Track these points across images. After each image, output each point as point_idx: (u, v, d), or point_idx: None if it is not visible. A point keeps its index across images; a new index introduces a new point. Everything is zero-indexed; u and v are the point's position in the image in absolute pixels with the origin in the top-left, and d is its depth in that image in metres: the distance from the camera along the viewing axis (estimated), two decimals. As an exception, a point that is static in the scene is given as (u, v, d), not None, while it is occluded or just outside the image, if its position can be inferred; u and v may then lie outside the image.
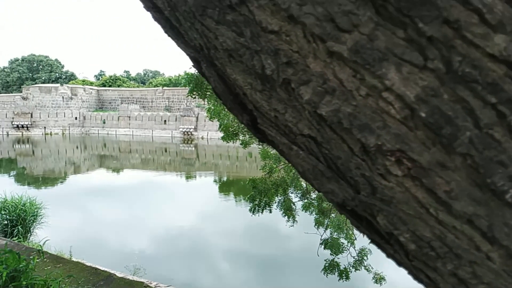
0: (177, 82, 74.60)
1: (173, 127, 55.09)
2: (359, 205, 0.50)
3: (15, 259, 3.38)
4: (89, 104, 63.74)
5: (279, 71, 0.50)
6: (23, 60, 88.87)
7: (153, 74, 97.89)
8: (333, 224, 8.88)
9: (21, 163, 35.28)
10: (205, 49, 0.61)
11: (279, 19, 0.47)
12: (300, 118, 0.51)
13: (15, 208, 10.87)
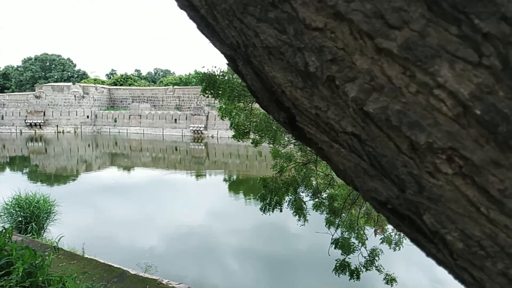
0: (188, 81, 75.01)
1: (183, 126, 55.37)
2: (404, 204, 0.49)
3: (31, 255, 3.44)
4: (100, 102, 64.42)
5: (323, 68, 0.49)
6: (36, 59, 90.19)
7: (163, 73, 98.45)
8: (344, 223, 8.83)
9: (34, 160, 35.77)
10: (242, 47, 0.61)
11: (324, 16, 0.46)
12: (344, 115, 0.51)
13: (29, 205, 11.01)
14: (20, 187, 12.09)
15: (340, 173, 0.62)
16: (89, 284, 3.64)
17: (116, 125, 60.06)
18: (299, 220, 9.16)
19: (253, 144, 8.41)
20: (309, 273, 10.94)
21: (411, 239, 0.56)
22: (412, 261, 11.23)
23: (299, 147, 8.61)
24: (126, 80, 79.22)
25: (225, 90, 5.61)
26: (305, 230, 10.77)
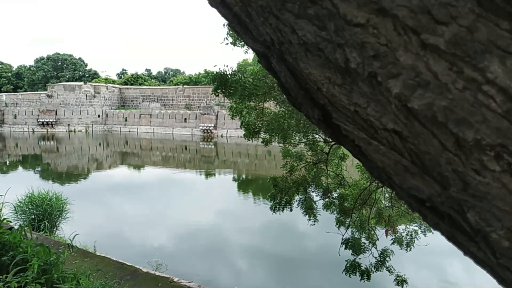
0: (197, 81, 75.25)
1: (193, 125, 55.60)
2: (446, 201, 0.49)
3: (46, 253, 3.48)
4: (111, 102, 64.99)
5: (365, 65, 0.49)
6: (48, 59, 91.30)
7: (173, 72, 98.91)
8: (355, 224, 8.78)
9: (46, 159, 36.23)
10: (277, 44, 0.60)
11: (366, 12, 0.46)
12: (385, 112, 0.51)
13: (41, 203, 11.16)
14: (33, 185, 12.25)
15: (375, 171, 0.62)
16: (103, 281, 3.67)
17: (126, 124, 60.53)
18: (309, 220, 9.14)
19: (263, 143, 8.41)
20: (319, 273, 10.91)
21: (449, 237, 0.56)
22: (423, 262, 11.15)
23: (309, 146, 8.57)
24: (136, 80, 79.79)
25: (236, 89, 5.61)
26: (315, 230, 10.75)
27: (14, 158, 36.87)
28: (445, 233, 0.55)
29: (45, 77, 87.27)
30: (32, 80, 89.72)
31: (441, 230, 0.56)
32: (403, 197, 0.58)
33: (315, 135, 7.64)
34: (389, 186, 0.60)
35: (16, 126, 60.28)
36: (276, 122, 6.45)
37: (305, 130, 6.89)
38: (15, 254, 3.43)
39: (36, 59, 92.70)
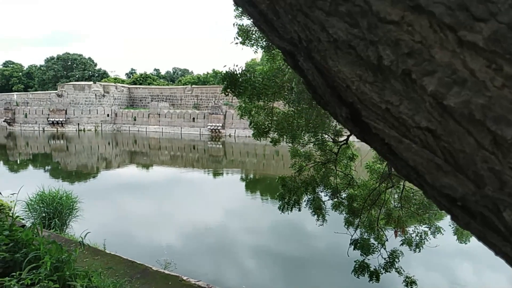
0: (206, 80, 75.44)
1: (201, 125, 55.77)
2: (480, 200, 0.48)
3: (58, 250, 3.52)
4: (120, 101, 65.46)
5: (398, 62, 0.49)
6: (58, 58, 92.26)
7: (182, 72, 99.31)
8: (364, 224, 8.74)
9: (56, 158, 36.60)
10: (304, 42, 0.60)
11: (400, 9, 0.46)
12: (418, 110, 0.50)
13: (52, 201, 11.28)
14: (43, 183, 12.38)
15: (404, 169, 0.61)
16: (114, 279, 3.70)
17: (135, 124, 60.94)
18: (317, 220, 9.11)
19: (272, 143, 8.41)
20: (327, 273, 10.87)
21: (480, 237, 0.55)
22: (433, 263, 11.05)
23: (318, 146, 8.54)
24: (145, 79, 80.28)
25: (246, 89, 5.62)
26: (323, 230, 10.72)
27: (25, 157, 37.30)
28: (476, 232, 0.54)
29: (55, 77, 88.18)
30: (42, 80, 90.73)
31: (472, 230, 0.55)
32: (433, 196, 0.57)
33: (324, 135, 7.62)
34: (418, 185, 0.59)
35: (26, 125, 61.00)
36: (285, 122, 6.44)
37: (314, 130, 6.87)
38: (27, 252, 3.47)
39: (47, 58, 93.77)
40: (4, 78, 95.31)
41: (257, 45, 6.28)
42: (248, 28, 6.01)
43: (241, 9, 5.93)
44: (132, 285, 3.90)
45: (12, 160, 35.45)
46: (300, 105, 5.44)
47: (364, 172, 9.53)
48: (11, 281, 2.81)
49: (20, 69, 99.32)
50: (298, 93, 4.90)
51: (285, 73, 4.88)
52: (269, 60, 6.77)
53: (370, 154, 9.76)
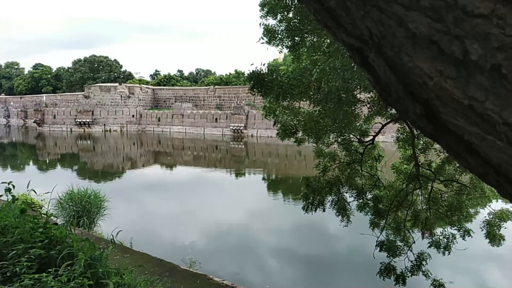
0: (228, 81, 75.80)
1: (224, 125, 56.11)
2: None
3: (91, 248, 3.61)
4: (145, 102, 66.66)
5: (487, 57, 0.48)
6: (85, 60, 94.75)
7: (205, 73, 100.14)
8: (390, 226, 8.58)
9: (83, 158, 37.59)
10: (376, 38, 0.60)
11: (490, 2, 0.45)
12: (506, 105, 0.49)
13: (81, 200, 11.58)
14: (71, 182, 12.72)
15: (481, 168, 0.60)
16: (145, 277, 3.77)
17: (159, 124, 61.92)
18: (342, 221, 9.01)
19: (296, 143, 8.37)
20: (351, 275, 10.74)
21: None
22: (461, 266, 10.76)
23: (343, 146, 8.45)
24: (169, 81, 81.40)
25: (272, 88, 5.61)
26: (347, 231, 10.60)
27: (54, 157, 38.49)
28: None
29: (82, 79, 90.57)
30: (70, 82, 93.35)
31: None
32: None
33: (350, 135, 7.53)
34: (495, 184, 0.58)
35: (55, 126, 62.92)
36: (312, 122, 6.40)
37: (341, 130, 6.80)
38: (62, 249, 3.57)
39: (74, 61, 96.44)
40: (34, 80, 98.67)
41: (282, 45, 6.26)
42: (274, 28, 6.01)
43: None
44: (163, 283, 3.96)
45: (42, 159, 36.61)
46: (328, 105, 5.39)
47: (389, 173, 9.37)
48: (48, 277, 2.90)
49: (49, 71, 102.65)
50: (326, 93, 4.86)
51: (312, 73, 4.85)
52: (294, 59, 6.75)
53: (396, 155, 9.59)
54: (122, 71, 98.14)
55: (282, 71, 6.98)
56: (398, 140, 9.02)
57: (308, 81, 5.57)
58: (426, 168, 8.53)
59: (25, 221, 3.97)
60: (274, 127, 8.12)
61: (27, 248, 3.48)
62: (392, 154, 9.72)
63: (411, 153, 8.43)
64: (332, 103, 5.10)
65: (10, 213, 4.24)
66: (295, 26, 5.86)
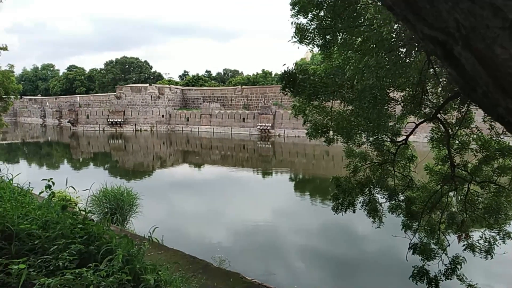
0: (255, 81, 76.05)
1: (251, 125, 56.32)
2: None
3: (129, 244, 3.70)
4: (174, 102, 67.94)
5: None
6: (117, 62, 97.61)
7: (232, 73, 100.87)
8: (424, 228, 8.36)
9: (115, 156, 38.65)
10: (464, 30, 0.58)
11: None
12: None
13: (114, 197, 11.91)
14: (105, 180, 13.10)
15: None
16: (180, 274, 3.83)
17: (188, 124, 62.89)
18: (373, 222, 8.84)
19: (326, 143, 8.28)
20: (382, 278, 10.55)
21: None
22: (499, 271, 10.36)
23: (375, 146, 8.28)
24: (197, 81, 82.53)
25: (304, 88, 5.57)
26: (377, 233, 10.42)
27: (87, 156, 39.78)
28: None
29: (114, 80, 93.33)
30: (102, 82, 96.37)
31: None
32: None
33: (383, 134, 7.38)
34: None
35: (88, 126, 65.03)
36: (345, 121, 6.31)
37: (373, 129, 6.67)
38: (100, 244, 3.68)
39: (106, 62, 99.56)
40: (68, 81, 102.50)
41: (313, 44, 6.20)
42: (305, 27, 5.97)
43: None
44: (198, 280, 4.01)
45: (76, 158, 37.91)
46: (361, 104, 5.30)
47: (421, 174, 9.11)
48: (88, 272, 3.00)
49: (82, 72, 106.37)
50: (360, 91, 4.78)
51: (345, 71, 4.78)
52: (325, 58, 6.67)
53: (428, 156, 9.31)
54: (152, 72, 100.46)
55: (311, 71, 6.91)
56: (432, 140, 8.76)
57: (341, 79, 5.49)
58: (461, 169, 8.25)
59: (65, 217, 4.11)
60: (304, 126, 8.05)
61: (68, 243, 3.61)
62: (425, 155, 9.45)
63: (446, 153, 8.18)
64: (365, 101, 5.01)
65: (51, 209, 4.41)
66: (326, 25, 5.80)
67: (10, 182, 6.95)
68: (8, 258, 3.28)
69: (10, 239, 3.79)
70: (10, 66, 22.58)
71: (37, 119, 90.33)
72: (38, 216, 4.33)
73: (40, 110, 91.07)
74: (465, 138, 7.92)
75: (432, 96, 7.35)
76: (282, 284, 9.68)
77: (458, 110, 7.29)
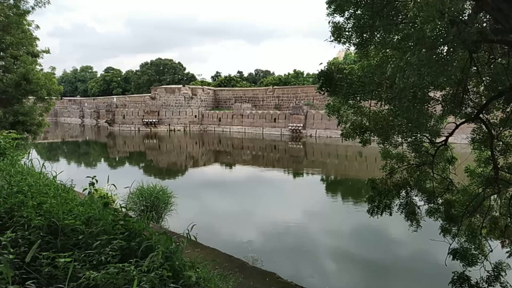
0: (287, 81, 75.96)
1: (282, 125, 56.24)
2: None
3: (169, 241, 3.78)
4: (206, 103, 69.03)
5: None
6: (152, 63, 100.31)
7: (264, 73, 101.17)
8: (465, 233, 8.05)
9: (149, 156, 39.64)
10: None
11: None
12: None
13: (150, 195, 12.21)
14: (139, 179, 13.43)
15: None
16: (218, 271, 3.88)
17: (220, 124, 63.65)
18: (411, 225, 8.59)
19: (361, 143, 8.12)
20: (418, 283, 10.26)
21: None
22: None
23: (413, 147, 8.03)
24: (229, 82, 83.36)
25: (341, 87, 5.49)
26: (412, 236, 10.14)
27: (123, 155, 41.05)
28: None
29: (149, 81, 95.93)
30: (138, 84, 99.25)
31: None
32: None
33: (423, 135, 7.16)
34: None
35: (124, 126, 67.09)
36: (384, 121, 6.16)
37: (412, 130, 6.48)
38: (140, 241, 3.78)
39: (141, 64, 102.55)
40: (105, 83, 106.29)
41: (350, 43, 6.10)
42: (342, 25, 5.88)
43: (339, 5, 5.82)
44: (236, 279, 4.04)
45: (112, 157, 39.19)
46: (401, 103, 5.16)
47: (460, 176, 8.76)
48: (130, 267, 3.08)
49: (118, 74, 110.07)
50: (400, 90, 4.65)
51: (385, 70, 4.67)
52: (362, 57, 6.54)
53: (469, 158, 8.93)
54: (185, 73, 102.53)
55: (347, 70, 6.80)
56: (473, 141, 8.41)
57: (379, 78, 5.37)
58: (505, 171, 7.88)
59: (107, 214, 4.25)
60: (338, 127, 7.93)
61: (110, 239, 3.72)
62: (464, 157, 9.08)
63: (488, 155, 7.84)
64: (405, 100, 4.87)
65: (94, 206, 4.57)
66: (364, 23, 5.69)
67: (54, 179, 7.27)
68: (55, 252, 3.42)
69: (56, 234, 3.95)
70: (52, 68, 23.60)
71: (76, 119, 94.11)
72: (81, 212, 4.51)
73: (79, 111, 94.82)
74: (510, 139, 7.58)
75: (474, 95, 7.06)
76: (314, 285, 9.58)
77: (502, 110, 6.96)
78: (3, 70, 20.83)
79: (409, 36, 4.80)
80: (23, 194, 4.91)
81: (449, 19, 4.00)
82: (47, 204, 4.54)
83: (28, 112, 20.32)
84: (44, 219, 4.04)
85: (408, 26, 5.11)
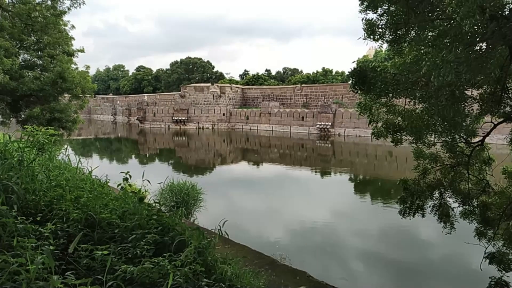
0: (315, 79, 75.28)
1: (310, 124, 55.82)
2: None
3: (201, 236, 3.85)
4: (235, 101, 69.53)
5: None
6: (181, 62, 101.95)
7: (291, 72, 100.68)
8: (502, 236, 7.75)
9: (178, 153, 40.33)
10: None
11: None
12: None
13: (180, 191, 12.45)
14: (169, 175, 13.69)
15: None
16: (249, 268, 3.92)
17: (248, 122, 63.91)
18: (444, 227, 8.36)
19: (393, 143, 7.95)
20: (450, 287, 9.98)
21: None
22: None
23: (447, 147, 7.79)
24: (257, 80, 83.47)
25: (375, 85, 5.40)
26: (444, 239, 9.87)
27: (153, 151, 41.97)
28: None
29: (179, 79, 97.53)
30: (168, 82, 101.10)
31: None
32: None
33: (459, 135, 6.93)
34: None
35: (154, 123, 68.51)
36: (420, 120, 6.01)
37: (448, 129, 6.28)
38: (173, 236, 3.87)
39: (171, 63, 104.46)
40: (137, 81, 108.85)
41: (383, 40, 5.98)
42: (374, 22, 5.77)
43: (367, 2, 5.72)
44: (268, 276, 4.07)
45: (143, 153, 40.14)
46: (437, 102, 5.02)
47: (497, 178, 8.43)
48: (164, 261, 3.17)
49: (149, 73, 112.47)
50: (437, 88, 4.52)
51: (420, 68, 4.54)
52: (395, 54, 6.40)
53: (508, 159, 8.57)
54: (214, 71, 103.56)
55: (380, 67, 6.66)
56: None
57: (415, 76, 5.24)
58: (547, 173, 7.55)
59: (141, 209, 4.37)
60: (369, 126, 7.79)
61: (144, 233, 3.83)
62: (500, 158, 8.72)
63: (528, 156, 7.51)
64: (442, 99, 4.73)
65: (129, 200, 4.72)
66: (398, 19, 5.56)
67: (90, 174, 7.55)
68: (92, 244, 3.54)
69: (92, 227, 4.10)
70: (86, 67, 24.45)
71: (109, 116, 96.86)
72: (116, 206, 4.66)
73: (111, 108, 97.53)
74: (550, 140, 7.27)
75: (513, 94, 6.78)
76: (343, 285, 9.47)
77: (544, 110, 6.66)
78: (41, 69, 21.74)
79: (445, 32, 4.66)
80: (61, 188, 5.11)
81: (489, 14, 3.85)
82: (84, 198, 4.72)
83: (63, 109, 21.13)
84: (81, 213, 4.20)
85: (445, 22, 4.96)
